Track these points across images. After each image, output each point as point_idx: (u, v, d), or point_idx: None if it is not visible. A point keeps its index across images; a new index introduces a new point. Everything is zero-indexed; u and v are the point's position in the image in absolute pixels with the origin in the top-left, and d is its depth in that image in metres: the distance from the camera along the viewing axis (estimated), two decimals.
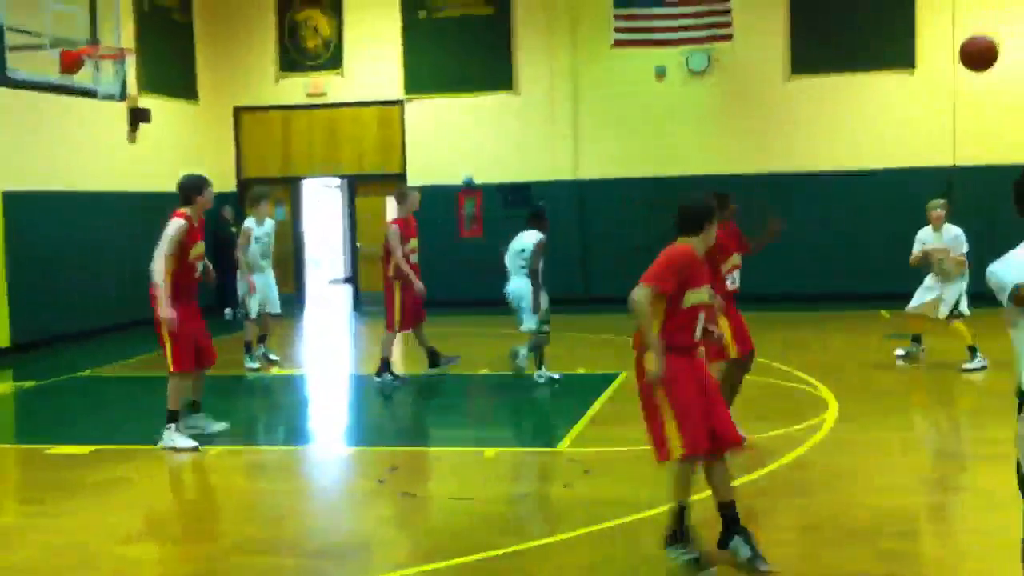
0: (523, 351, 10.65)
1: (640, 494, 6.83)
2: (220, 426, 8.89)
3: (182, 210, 8.46)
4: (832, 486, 7.09)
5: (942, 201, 11.29)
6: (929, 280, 11.21)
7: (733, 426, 5.55)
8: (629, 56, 18.01)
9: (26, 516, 7.06)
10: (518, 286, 10.79)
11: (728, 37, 17.47)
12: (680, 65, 18.10)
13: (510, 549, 5.90)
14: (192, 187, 8.57)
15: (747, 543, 5.41)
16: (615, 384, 10.72)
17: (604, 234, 18.15)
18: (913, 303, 11.28)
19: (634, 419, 9.15)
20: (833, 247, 17.53)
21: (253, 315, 11.92)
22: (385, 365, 10.95)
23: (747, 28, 17.54)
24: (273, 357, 12.25)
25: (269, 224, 12.17)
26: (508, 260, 10.97)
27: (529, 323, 10.68)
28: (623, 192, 18.10)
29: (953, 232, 11.10)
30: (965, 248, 10.99)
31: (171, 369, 8.31)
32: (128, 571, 6.03)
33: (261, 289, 11.92)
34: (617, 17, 17.63)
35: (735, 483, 5.87)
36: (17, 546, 6.30)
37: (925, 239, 11.20)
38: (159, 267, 8.21)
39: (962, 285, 10.96)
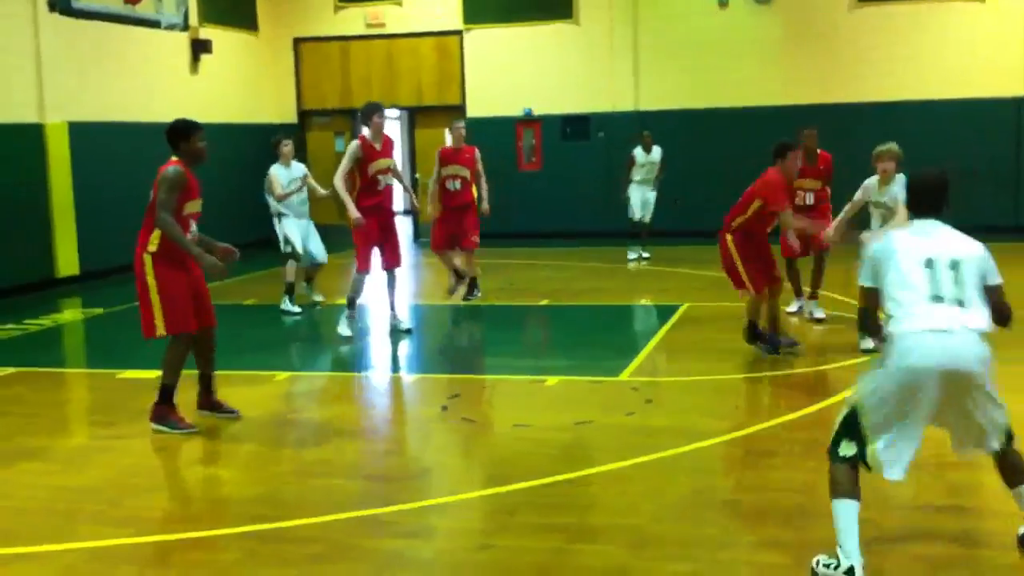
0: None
1: (701, 424, 6.85)
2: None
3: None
4: None
5: (894, 148, 9.10)
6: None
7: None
8: None
9: (97, 438, 7.24)
10: None
11: None
12: None
13: (571, 475, 5.95)
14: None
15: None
16: (677, 315, 10.70)
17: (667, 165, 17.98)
18: None
19: (695, 350, 9.21)
20: None
21: (299, 252, 11.73)
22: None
23: None
24: (317, 298, 12.20)
25: (297, 168, 11.99)
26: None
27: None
28: (684, 123, 17.89)
29: (901, 183, 8.62)
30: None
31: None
32: (197, 492, 6.19)
33: (300, 235, 11.74)
34: None
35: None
36: (89, 467, 6.47)
37: (870, 193, 9.02)
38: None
39: None
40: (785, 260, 10.12)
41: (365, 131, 9.99)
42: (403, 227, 21.31)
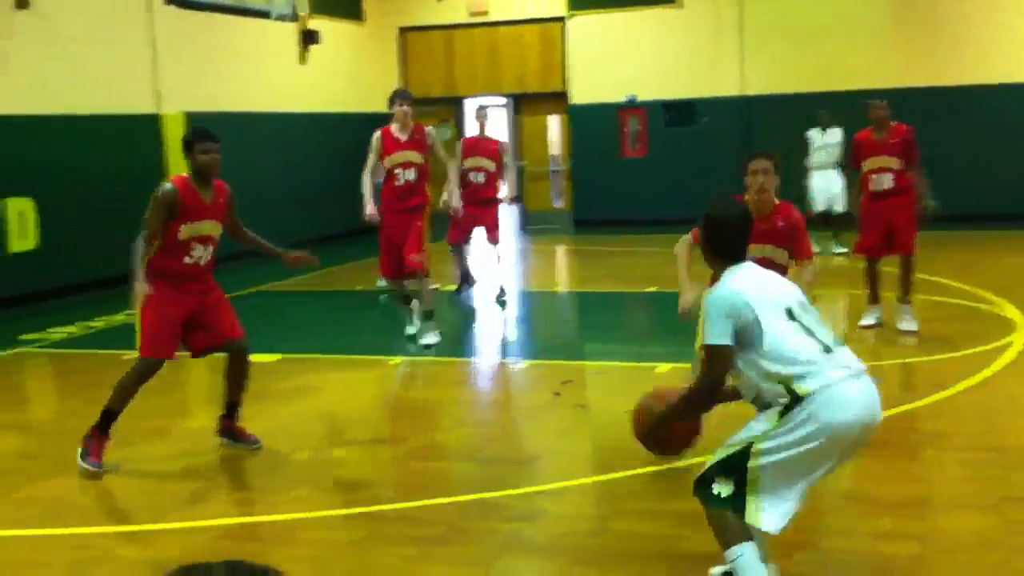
0: None
1: None
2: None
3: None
4: (1018, 410, 6.86)
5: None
6: None
7: None
8: None
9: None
10: None
11: None
12: None
13: (684, 463, 5.94)
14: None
15: None
16: None
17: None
18: None
19: None
20: (1006, 164, 16.70)
21: None
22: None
23: None
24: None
25: None
26: None
27: None
28: (791, 108, 17.58)
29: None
30: None
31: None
32: (316, 473, 6.33)
33: None
34: None
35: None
36: (210, 448, 6.65)
37: None
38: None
39: None
40: (865, 258, 9.18)
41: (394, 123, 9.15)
42: (508, 214, 21.47)
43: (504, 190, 11.71)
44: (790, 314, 3.93)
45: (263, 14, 11.92)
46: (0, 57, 11.93)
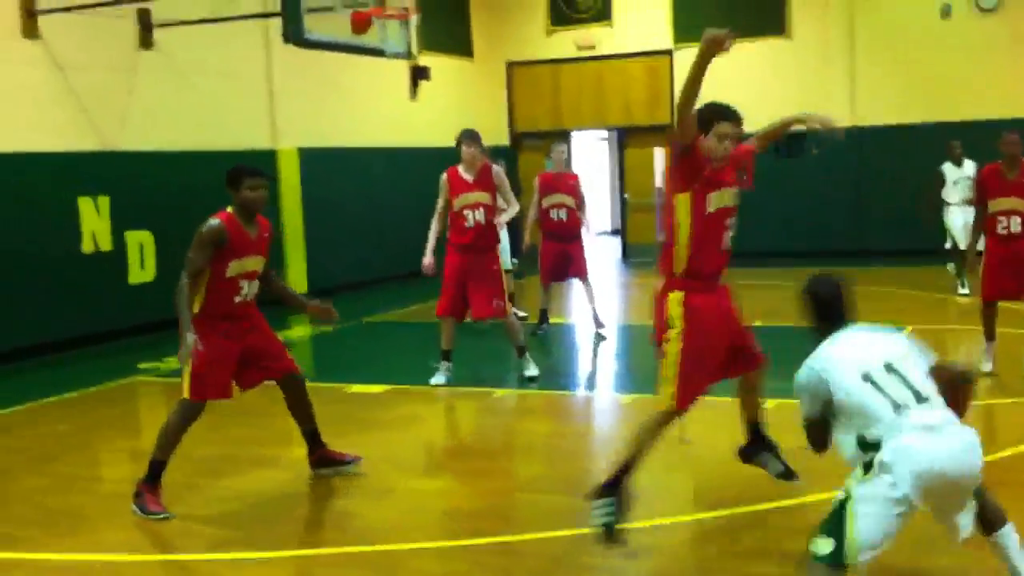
0: None
1: None
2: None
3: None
4: None
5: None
6: None
7: None
8: None
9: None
10: None
11: None
12: (968, 1, 16.99)
13: (794, 501, 5.84)
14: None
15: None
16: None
17: (883, 182, 17.40)
18: None
19: None
20: None
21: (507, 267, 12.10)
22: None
23: None
24: (521, 314, 12.38)
25: None
26: None
27: None
28: (904, 139, 17.26)
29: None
30: None
31: None
32: (422, 503, 6.39)
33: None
34: None
35: None
36: (318, 477, 6.78)
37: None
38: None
39: None
40: (983, 303, 8.66)
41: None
42: (609, 246, 21.45)
43: (586, 223, 11.69)
44: (866, 377, 4.15)
45: (378, 52, 12.15)
46: (123, 94, 12.42)
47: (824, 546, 4.08)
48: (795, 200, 17.85)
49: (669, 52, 18.79)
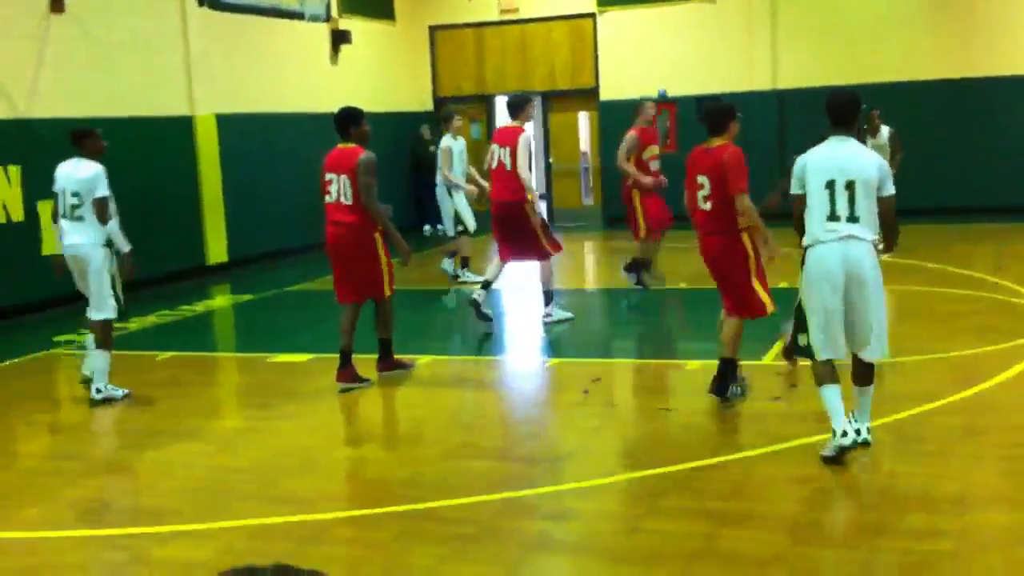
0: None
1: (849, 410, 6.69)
2: None
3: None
4: None
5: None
6: None
7: None
8: None
9: (251, 419, 7.50)
10: None
11: None
12: None
13: (716, 459, 5.91)
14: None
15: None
16: None
17: (804, 146, 17.60)
18: None
19: None
20: None
21: (472, 229, 12.33)
22: (635, 266, 11.38)
23: None
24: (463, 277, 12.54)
25: (462, 141, 12.48)
26: None
27: None
28: (824, 101, 17.47)
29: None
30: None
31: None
32: (348, 473, 6.35)
33: (464, 206, 12.27)
34: None
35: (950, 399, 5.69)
36: (243, 448, 6.72)
37: None
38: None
39: None
40: None
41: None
42: None
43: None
44: (829, 184, 5.57)
45: (297, 15, 11.97)
46: (34, 61, 12.05)
47: (803, 339, 5.83)
48: None
49: (592, 15, 18.75)
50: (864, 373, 5.78)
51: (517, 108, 9.95)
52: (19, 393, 8.49)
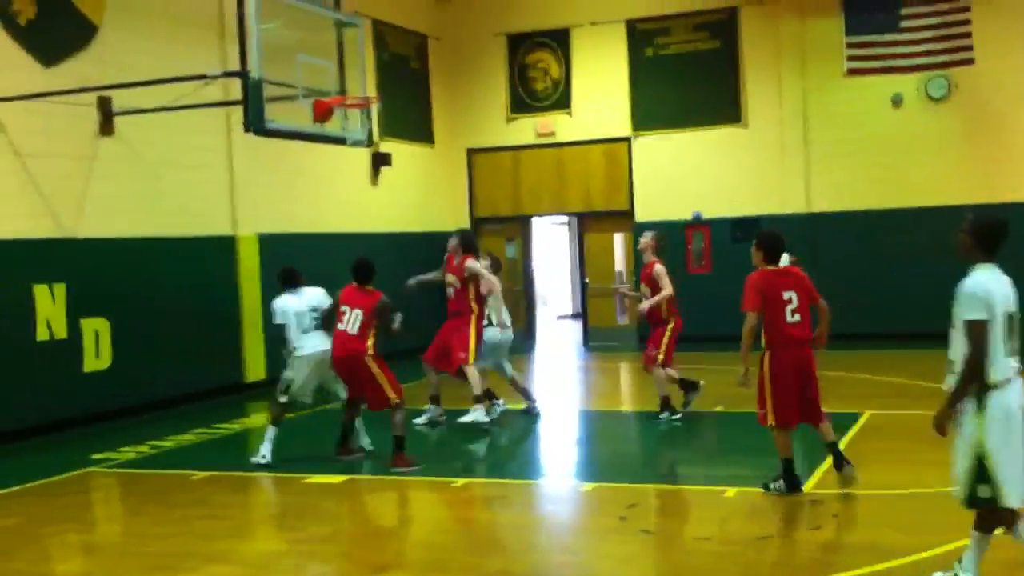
0: None
1: (892, 539, 6.57)
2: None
3: None
4: None
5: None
6: None
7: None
8: (862, 84, 17.60)
9: (287, 542, 7.45)
10: None
11: (970, 61, 16.79)
12: (919, 92, 17.48)
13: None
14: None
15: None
16: (858, 424, 10.37)
17: (837, 268, 17.64)
18: None
19: (880, 461, 8.87)
20: None
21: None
22: (686, 386, 11.44)
23: (989, 50, 16.78)
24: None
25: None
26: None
27: None
28: (857, 224, 17.59)
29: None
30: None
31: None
32: None
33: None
34: (850, 45, 17.35)
35: None
36: (275, 572, 6.67)
37: None
38: None
39: None
40: None
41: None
42: (571, 330, 21.49)
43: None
44: (1008, 318, 5.17)
45: (339, 140, 12.29)
46: (82, 181, 12.38)
47: (984, 491, 5.23)
48: None
49: (627, 139, 19.09)
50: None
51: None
52: (55, 511, 8.51)
